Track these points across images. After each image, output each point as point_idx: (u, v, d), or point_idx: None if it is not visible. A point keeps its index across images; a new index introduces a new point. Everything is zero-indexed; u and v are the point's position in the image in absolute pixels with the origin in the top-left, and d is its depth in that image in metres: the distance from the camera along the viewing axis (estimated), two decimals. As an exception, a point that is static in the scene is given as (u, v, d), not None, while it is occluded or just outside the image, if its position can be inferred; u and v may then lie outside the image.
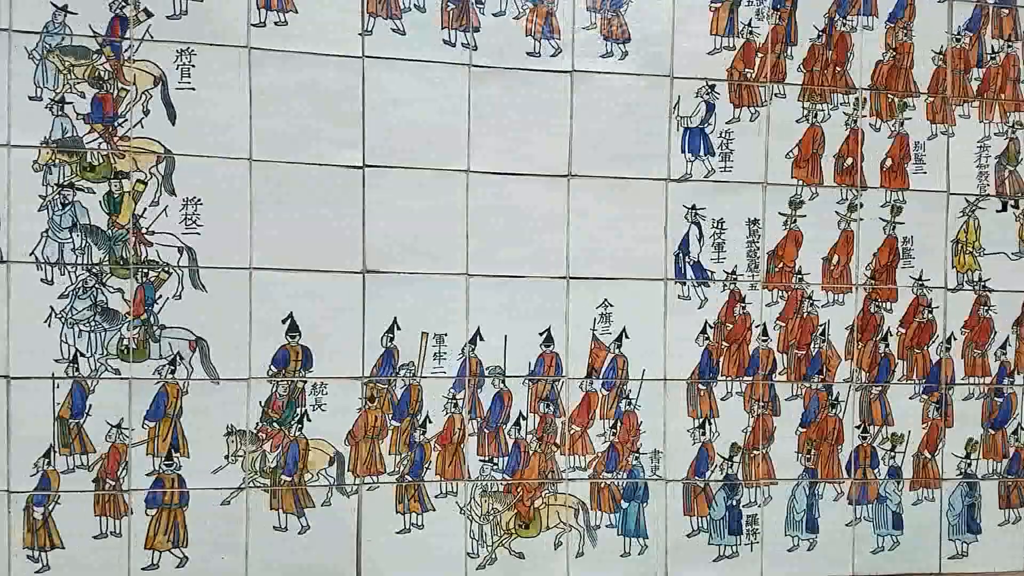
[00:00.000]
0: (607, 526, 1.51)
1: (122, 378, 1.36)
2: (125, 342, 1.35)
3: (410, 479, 1.46)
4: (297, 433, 1.42)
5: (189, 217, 1.37)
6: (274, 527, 1.41)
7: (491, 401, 1.49)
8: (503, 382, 1.49)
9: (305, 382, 1.42)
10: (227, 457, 1.39)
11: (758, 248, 1.54)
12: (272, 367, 1.41)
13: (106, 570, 1.36)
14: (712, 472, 1.54)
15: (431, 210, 1.45)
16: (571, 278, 1.49)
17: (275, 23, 1.39)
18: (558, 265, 1.49)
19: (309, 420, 1.43)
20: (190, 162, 1.37)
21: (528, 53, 1.47)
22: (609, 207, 1.50)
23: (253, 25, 1.38)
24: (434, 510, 1.47)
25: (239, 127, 1.38)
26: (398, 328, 1.45)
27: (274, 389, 1.41)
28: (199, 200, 1.37)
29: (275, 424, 1.41)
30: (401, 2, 1.43)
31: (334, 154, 1.42)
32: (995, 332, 1.65)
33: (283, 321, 1.41)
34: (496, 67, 1.46)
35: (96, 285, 1.35)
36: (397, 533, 1.45)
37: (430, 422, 1.47)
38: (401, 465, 1.46)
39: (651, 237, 1.51)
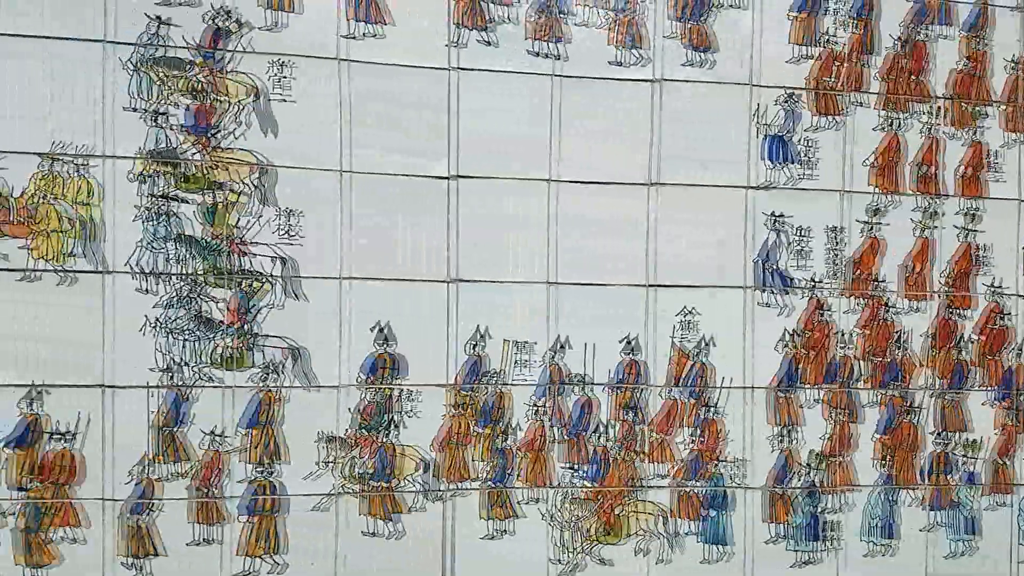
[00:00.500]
0: (690, 533, 1.52)
1: (219, 386, 1.37)
2: (223, 351, 1.37)
3: (496, 486, 1.47)
4: (387, 439, 1.44)
5: (284, 227, 1.38)
6: (363, 532, 1.43)
7: (574, 408, 1.50)
8: (586, 389, 1.50)
9: (393, 389, 1.44)
10: (319, 463, 1.41)
11: (839, 256, 1.55)
12: (363, 375, 1.42)
13: (201, 576, 1.38)
14: (793, 479, 1.55)
15: (516, 219, 1.47)
16: (654, 286, 1.50)
17: (368, 35, 1.41)
18: (641, 273, 1.50)
19: (398, 427, 1.44)
20: (285, 173, 1.38)
21: (612, 62, 1.48)
22: (691, 214, 1.51)
23: (347, 37, 1.40)
24: (519, 517, 1.48)
25: (332, 139, 1.40)
26: (483, 336, 1.46)
27: (365, 396, 1.42)
28: (294, 211, 1.39)
29: (366, 430, 1.43)
30: (490, 14, 1.44)
31: (423, 165, 1.43)
32: (1061, 339, 1.66)
33: (373, 329, 1.42)
34: (582, 77, 1.47)
35: (194, 295, 1.36)
36: (483, 539, 1.47)
37: (511, 429, 1.49)
38: (487, 471, 1.47)
39: (733, 244, 1.52)
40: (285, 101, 1.38)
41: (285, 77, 1.38)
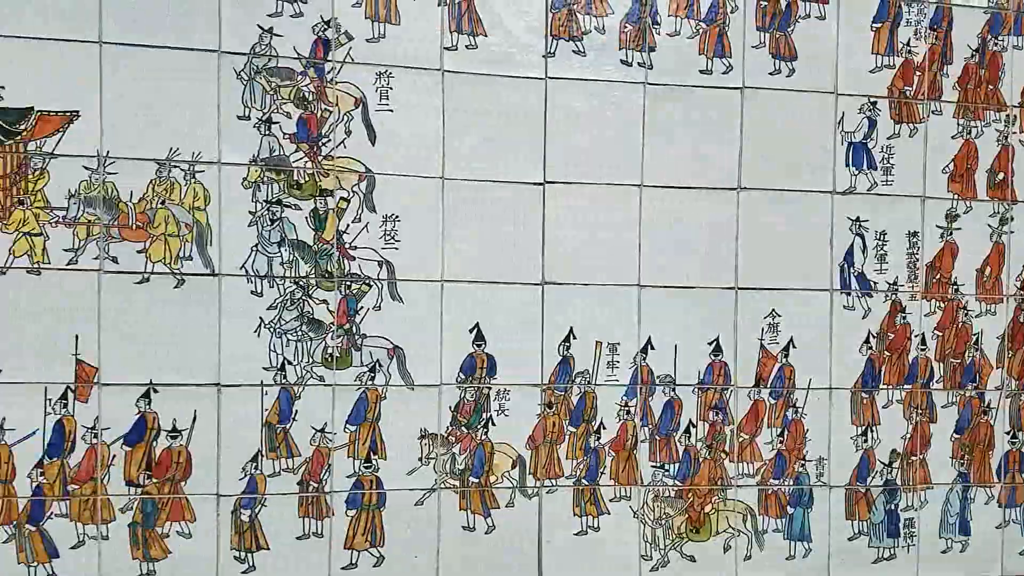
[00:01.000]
0: (774, 531, 1.56)
1: (326, 385, 1.42)
2: (330, 350, 1.42)
3: (586, 483, 1.52)
4: (483, 437, 1.48)
5: (388, 233, 1.43)
6: (463, 527, 1.47)
7: (662, 409, 1.54)
8: (674, 390, 1.54)
9: (490, 388, 1.48)
10: (420, 459, 1.45)
11: (918, 260, 1.60)
12: (461, 374, 1.47)
13: (308, 570, 1.42)
14: (873, 478, 1.59)
15: (606, 224, 1.51)
16: (740, 288, 1.55)
17: (466, 46, 1.45)
18: (727, 275, 1.54)
19: (494, 424, 1.49)
20: (389, 181, 1.43)
21: (701, 71, 1.53)
22: (777, 219, 1.55)
23: (446, 48, 1.45)
24: (609, 514, 1.52)
25: (432, 147, 1.44)
26: (574, 337, 1.51)
27: (462, 395, 1.47)
28: (397, 217, 1.43)
29: (464, 428, 1.47)
30: (583, 24, 1.49)
31: (517, 171, 1.48)
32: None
33: (470, 330, 1.47)
34: (671, 85, 1.52)
35: (303, 297, 1.41)
36: (575, 535, 1.51)
37: (604, 428, 1.53)
38: (578, 469, 1.52)
39: (817, 248, 1.56)
40: (389, 111, 1.43)
41: (389, 88, 1.42)
